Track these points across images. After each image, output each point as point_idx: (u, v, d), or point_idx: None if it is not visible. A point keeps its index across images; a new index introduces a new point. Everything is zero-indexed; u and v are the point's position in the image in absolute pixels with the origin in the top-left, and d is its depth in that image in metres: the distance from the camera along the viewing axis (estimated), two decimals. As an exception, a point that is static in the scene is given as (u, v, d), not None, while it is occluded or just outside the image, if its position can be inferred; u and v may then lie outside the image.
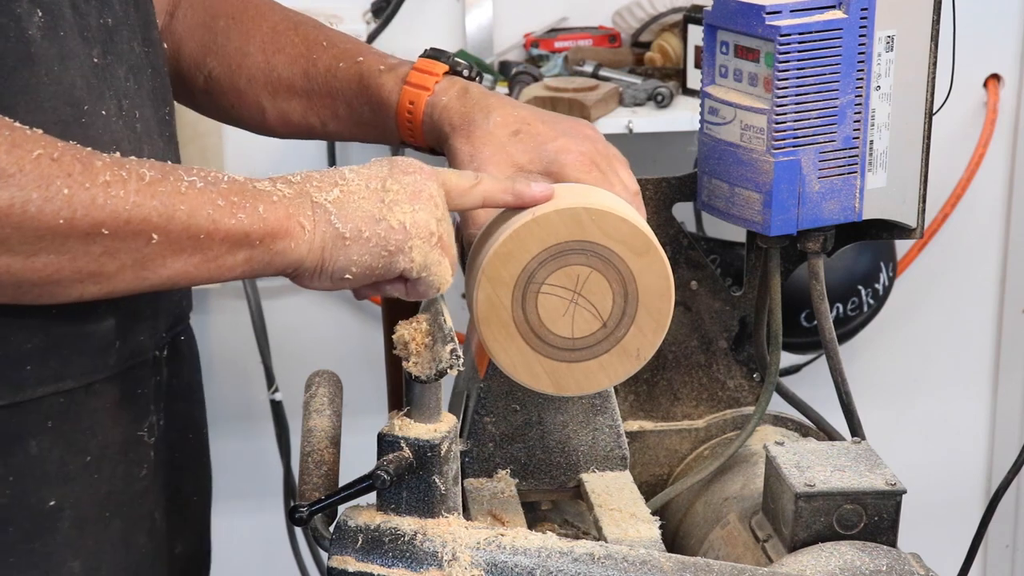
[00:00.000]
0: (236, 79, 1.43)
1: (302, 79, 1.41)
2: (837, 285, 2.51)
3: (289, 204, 1.09)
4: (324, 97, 1.40)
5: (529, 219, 1.16)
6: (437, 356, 1.09)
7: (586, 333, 1.19)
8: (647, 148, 2.48)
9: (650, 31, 2.60)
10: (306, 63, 1.41)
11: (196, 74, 1.45)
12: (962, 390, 2.98)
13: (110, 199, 1.02)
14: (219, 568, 2.84)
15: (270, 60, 1.42)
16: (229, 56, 1.43)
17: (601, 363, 1.20)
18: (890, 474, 1.28)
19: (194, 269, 1.07)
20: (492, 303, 1.18)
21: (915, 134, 1.44)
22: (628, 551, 1.14)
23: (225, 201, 1.07)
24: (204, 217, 1.06)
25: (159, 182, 1.05)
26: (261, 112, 1.44)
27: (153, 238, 1.04)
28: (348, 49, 1.41)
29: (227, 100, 1.45)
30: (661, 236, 1.29)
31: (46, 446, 1.15)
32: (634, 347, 1.20)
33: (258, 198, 1.08)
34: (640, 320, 1.19)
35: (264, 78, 1.42)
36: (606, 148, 1.32)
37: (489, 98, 1.32)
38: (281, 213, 1.09)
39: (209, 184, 1.07)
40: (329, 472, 1.28)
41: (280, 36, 1.42)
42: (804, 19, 1.35)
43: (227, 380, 2.79)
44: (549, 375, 1.20)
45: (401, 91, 1.35)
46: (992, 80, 2.77)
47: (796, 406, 1.59)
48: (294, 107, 1.42)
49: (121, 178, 1.03)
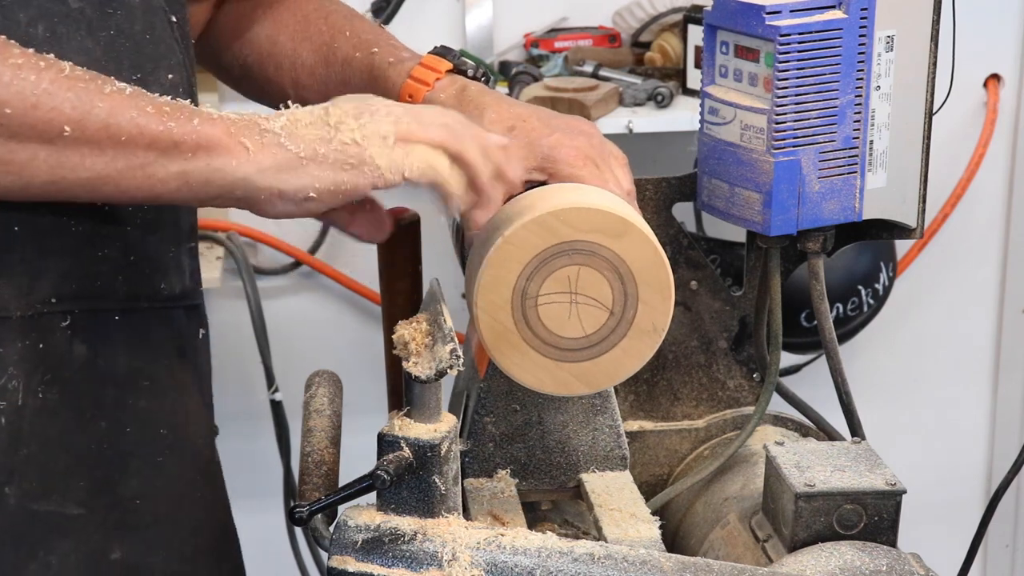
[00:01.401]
0: (266, 67, 1.45)
1: (322, 67, 1.42)
2: (837, 285, 2.51)
3: (231, 125, 1.09)
4: (339, 86, 1.41)
5: (500, 241, 1.16)
6: (437, 356, 1.09)
7: (598, 326, 1.19)
8: (647, 148, 2.48)
9: (650, 31, 2.60)
10: (327, 52, 1.42)
11: (234, 64, 1.47)
12: (962, 390, 2.98)
13: (17, 79, 1.01)
14: (219, 568, 2.81)
15: (297, 48, 1.43)
16: (260, 44, 1.45)
17: (623, 348, 1.20)
18: (890, 474, 1.28)
19: (118, 175, 1.06)
20: (497, 331, 1.18)
21: (915, 134, 1.44)
22: (628, 551, 1.14)
23: (155, 109, 1.06)
24: (127, 119, 1.04)
25: (81, 79, 1.04)
26: (285, 98, 1.45)
27: (65, 130, 1.03)
28: (367, 39, 1.41)
29: (256, 85, 1.47)
30: (661, 236, 1.29)
31: None
32: (649, 323, 1.20)
33: (195, 114, 1.08)
34: (644, 296, 1.19)
35: (290, 65, 1.44)
36: (602, 144, 1.31)
37: (485, 96, 1.32)
38: (220, 129, 1.08)
39: (140, 92, 1.06)
40: (329, 472, 1.28)
41: (310, 24, 1.44)
42: (804, 19, 1.35)
43: (227, 380, 2.79)
44: (578, 378, 1.21)
45: (403, 84, 1.35)
46: (992, 80, 2.77)
47: (796, 406, 1.59)
48: (312, 96, 1.43)
49: (36, 65, 1.02)
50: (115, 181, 1.06)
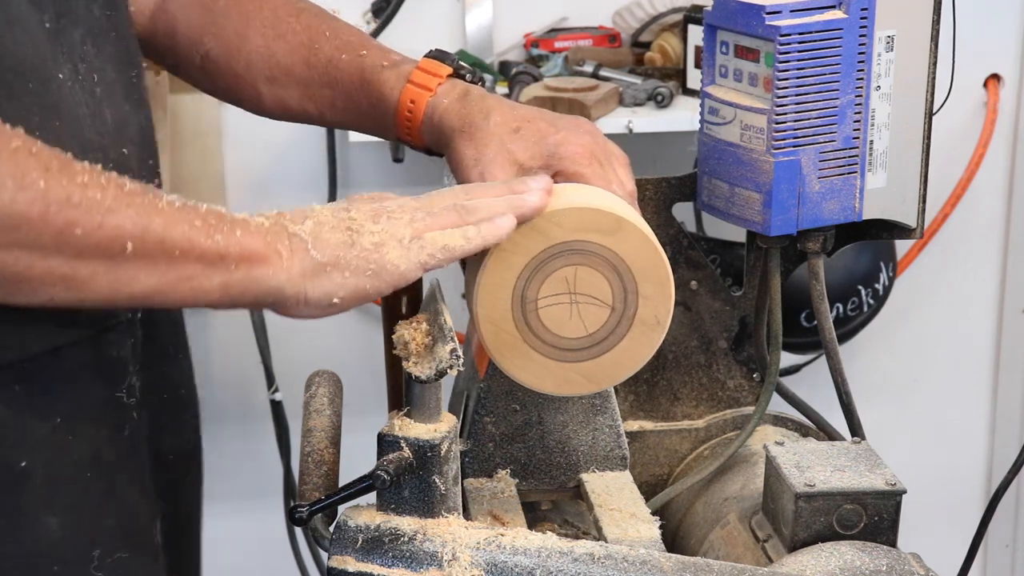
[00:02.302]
0: (234, 63, 1.43)
1: (302, 67, 1.41)
2: (837, 285, 2.51)
3: (267, 232, 1.10)
4: (323, 87, 1.40)
5: (495, 248, 1.16)
6: (437, 356, 1.09)
7: (599, 324, 1.20)
8: (647, 148, 2.48)
9: (650, 31, 2.60)
10: (307, 52, 1.40)
11: (192, 52, 1.44)
12: (962, 390, 2.98)
13: (86, 199, 1.01)
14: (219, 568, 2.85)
15: (270, 46, 1.41)
16: (227, 39, 1.43)
17: (627, 344, 1.20)
18: (890, 474, 1.28)
19: (168, 288, 1.07)
20: (502, 339, 1.19)
21: (915, 134, 1.44)
22: (628, 551, 1.14)
23: (203, 222, 1.07)
24: (180, 234, 1.05)
25: (137, 194, 1.04)
26: (257, 96, 1.44)
27: (127, 247, 1.03)
28: (351, 41, 1.40)
29: (224, 81, 1.45)
30: (661, 236, 1.29)
31: (14, 410, 1.15)
32: (651, 317, 1.20)
33: (236, 223, 1.09)
34: (644, 290, 1.19)
35: (263, 64, 1.42)
36: (605, 144, 1.32)
37: (488, 99, 1.32)
38: (259, 240, 1.09)
39: (187, 206, 1.07)
40: (329, 472, 1.28)
41: (281, 22, 1.42)
42: (804, 19, 1.35)
43: (227, 380, 2.79)
44: (585, 377, 1.21)
45: (403, 89, 1.35)
46: (992, 80, 2.76)
47: (796, 406, 1.59)
48: (291, 94, 1.42)
49: (99, 183, 1.03)
50: (164, 293, 1.07)
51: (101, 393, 1.22)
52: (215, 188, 2.60)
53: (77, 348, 1.19)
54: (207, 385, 2.81)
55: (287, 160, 2.60)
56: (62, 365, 1.18)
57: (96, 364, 1.21)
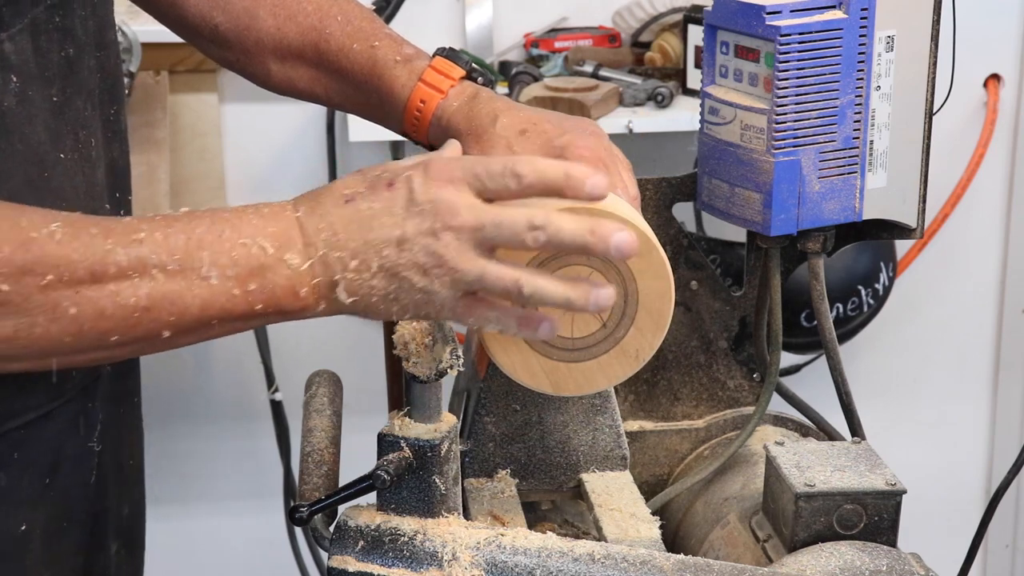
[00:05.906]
0: (244, 39, 1.42)
1: (312, 52, 1.39)
2: (837, 285, 2.51)
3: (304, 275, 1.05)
4: (333, 74, 1.39)
5: None
6: (437, 356, 1.09)
7: (585, 334, 1.19)
8: (647, 148, 2.48)
9: (650, 31, 2.60)
10: (318, 37, 1.39)
11: (202, 25, 1.43)
12: (962, 390, 2.98)
13: (119, 308, 1.01)
14: (219, 568, 2.85)
15: (281, 27, 1.40)
16: (237, 15, 1.41)
17: (600, 364, 1.20)
18: (890, 474, 1.28)
19: (196, 340, 1.07)
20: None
21: (915, 134, 1.44)
22: (628, 551, 1.14)
23: (241, 291, 1.04)
24: (216, 309, 1.04)
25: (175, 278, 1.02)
26: (267, 72, 1.43)
27: (164, 335, 1.04)
28: (363, 28, 1.38)
29: (233, 55, 1.44)
30: (661, 236, 1.28)
31: (15, 475, 1.16)
32: (633, 348, 1.19)
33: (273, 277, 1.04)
34: (640, 321, 1.18)
35: (273, 44, 1.41)
36: (610, 146, 1.31)
37: (495, 102, 1.32)
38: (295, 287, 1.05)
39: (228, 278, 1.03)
40: (329, 472, 1.28)
41: (292, 2, 1.41)
42: (804, 19, 1.35)
43: (227, 380, 2.80)
44: (548, 375, 1.20)
45: (414, 88, 1.34)
46: (992, 80, 2.77)
47: (796, 406, 1.59)
48: (301, 75, 1.41)
49: (133, 282, 1.01)
50: (189, 344, 1.08)
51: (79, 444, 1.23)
52: (215, 188, 2.60)
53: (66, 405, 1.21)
54: (207, 385, 2.82)
55: (287, 160, 2.60)
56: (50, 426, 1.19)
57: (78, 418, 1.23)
